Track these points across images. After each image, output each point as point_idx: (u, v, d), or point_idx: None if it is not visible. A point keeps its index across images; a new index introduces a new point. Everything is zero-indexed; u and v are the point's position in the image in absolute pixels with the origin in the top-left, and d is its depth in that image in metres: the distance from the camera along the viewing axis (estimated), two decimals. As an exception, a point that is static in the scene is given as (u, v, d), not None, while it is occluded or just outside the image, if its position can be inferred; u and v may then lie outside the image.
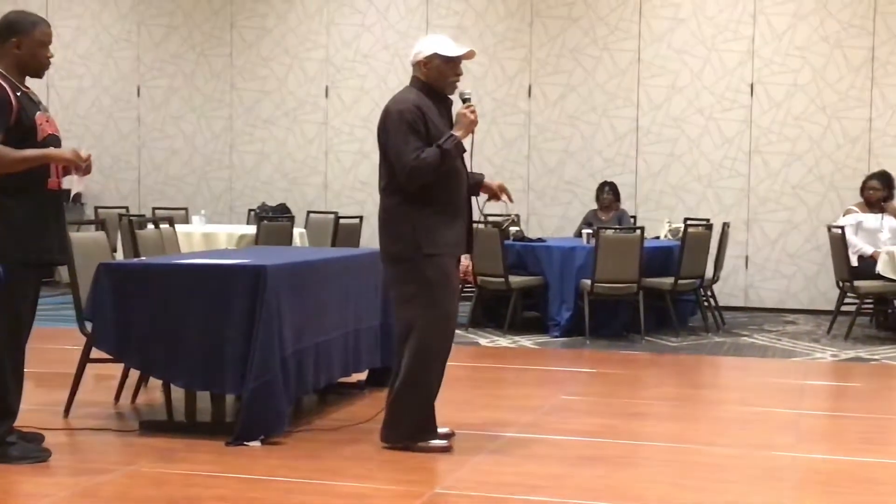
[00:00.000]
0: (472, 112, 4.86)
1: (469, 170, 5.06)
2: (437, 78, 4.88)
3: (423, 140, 4.76)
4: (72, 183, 4.64)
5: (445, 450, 4.92)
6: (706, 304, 9.56)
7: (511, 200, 5.32)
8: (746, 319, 10.25)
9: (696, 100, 11.05)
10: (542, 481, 4.51)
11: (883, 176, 9.69)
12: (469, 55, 4.90)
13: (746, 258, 11.03)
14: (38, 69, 4.63)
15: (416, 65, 4.92)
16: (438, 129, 4.82)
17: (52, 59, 4.67)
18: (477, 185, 5.15)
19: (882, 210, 9.53)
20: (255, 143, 12.28)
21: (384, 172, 4.89)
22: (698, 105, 11.04)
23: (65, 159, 4.52)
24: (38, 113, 4.58)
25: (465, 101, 4.92)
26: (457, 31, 11.30)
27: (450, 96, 4.97)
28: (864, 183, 9.71)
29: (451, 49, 4.87)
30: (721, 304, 10.07)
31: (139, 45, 12.53)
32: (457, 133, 4.82)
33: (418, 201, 4.81)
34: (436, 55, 4.86)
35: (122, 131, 12.63)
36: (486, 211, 5.41)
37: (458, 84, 4.93)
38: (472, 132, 4.87)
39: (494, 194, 5.19)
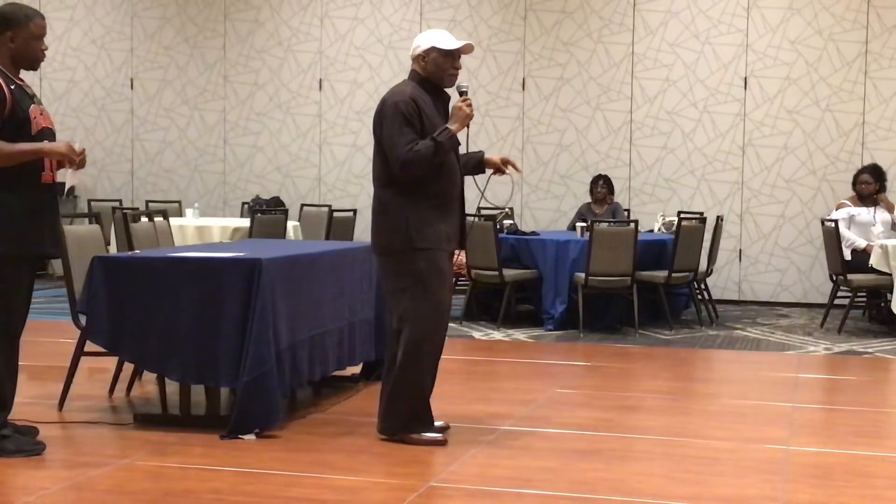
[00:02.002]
0: (469, 106, 4.86)
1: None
2: (434, 71, 4.88)
3: (417, 133, 4.77)
4: (66, 176, 4.63)
5: (440, 443, 4.93)
6: (700, 297, 9.57)
7: (518, 170, 5.26)
8: (740, 313, 10.26)
9: (689, 93, 11.05)
10: (536, 474, 4.52)
11: (874, 169, 9.70)
12: (467, 49, 4.91)
13: (740, 251, 11.05)
14: (33, 62, 4.62)
15: (415, 59, 4.93)
16: (434, 122, 4.83)
17: (45, 52, 4.66)
18: (479, 163, 5.15)
19: (874, 203, 9.55)
20: (249, 135, 12.27)
21: (379, 164, 4.90)
22: (692, 98, 11.05)
23: (59, 153, 4.50)
24: (33, 106, 4.57)
25: (462, 94, 4.92)
26: (451, 24, 11.30)
27: (448, 90, 4.97)
28: (856, 177, 9.72)
29: (448, 42, 4.88)
30: (714, 297, 10.09)
31: (132, 37, 12.50)
32: (451, 126, 4.82)
33: (412, 194, 4.81)
34: (433, 48, 4.87)
35: (115, 124, 12.60)
36: (483, 203, 5.37)
37: (456, 77, 4.94)
38: (468, 126, 4.88)
39: (499, 168, 5.16)
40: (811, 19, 10.79)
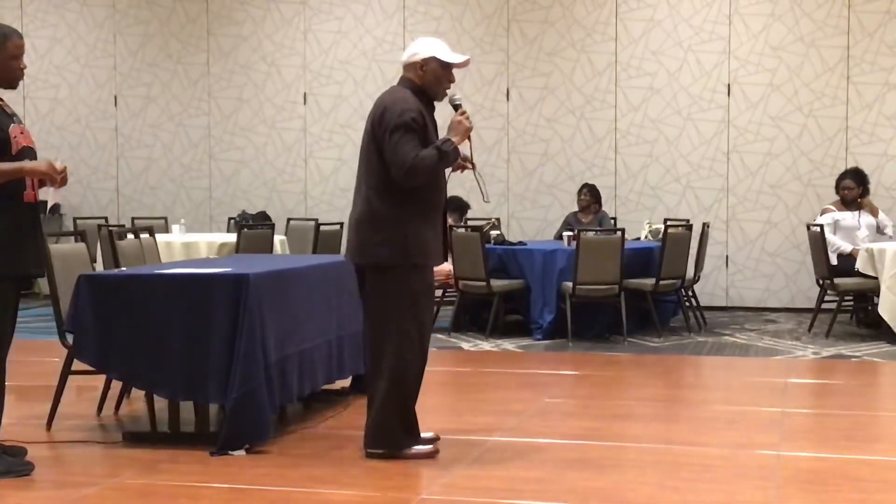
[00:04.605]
0: (467, 119, 4.82)
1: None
2: (431, 82, 4.81)
3: (420, 142, 4.71)
4: (48, 194, 4.61)
5: (430, 455, 4.91)
6: (687, 304, 9.58)
7: (473, 166, 5.00)
8: (728, 319, 10.28)
9: (673, 101, 11.08)
10: (527, 485, 4.51)
11: (855, 173, 9.70)
12: (465, 64, 4.87)
13: (726, 258, 11.07)
14: (12, 81, 4.60)
15: (411, 66, 4.82)
16: (432, 135, 4.79)
17: (25, 71, 4.64)
18: None
19: (858, 207, 9.57)
20: (234, 150, 12.25)
21: (375, 172, 4.74)
22: (676, 106, 11.08)
23: (40, 172, 4.49)
24: (13, 125, 4.55)
25: (456, 107, 4.87)
26: (434, 36, 11.26)
27: (437, 102, 4.92)
28: (838, 182, 9.73)
29: (449, 55, 4.82)
30: (702, 303, 10.10)
31: (115, 55, 12.48)
32: (454, 139, 4.76)
33: (408, 205, 4.72)
34: (434, 59, 4.80)
35: (99, 141, 12.57)
36: (487, 202, 5.49)
37: (448, 90, 4.89)
38: (469, 139, 4.84)
39: (462, 166, 4.97)
40: (792, 25, 10.83)
